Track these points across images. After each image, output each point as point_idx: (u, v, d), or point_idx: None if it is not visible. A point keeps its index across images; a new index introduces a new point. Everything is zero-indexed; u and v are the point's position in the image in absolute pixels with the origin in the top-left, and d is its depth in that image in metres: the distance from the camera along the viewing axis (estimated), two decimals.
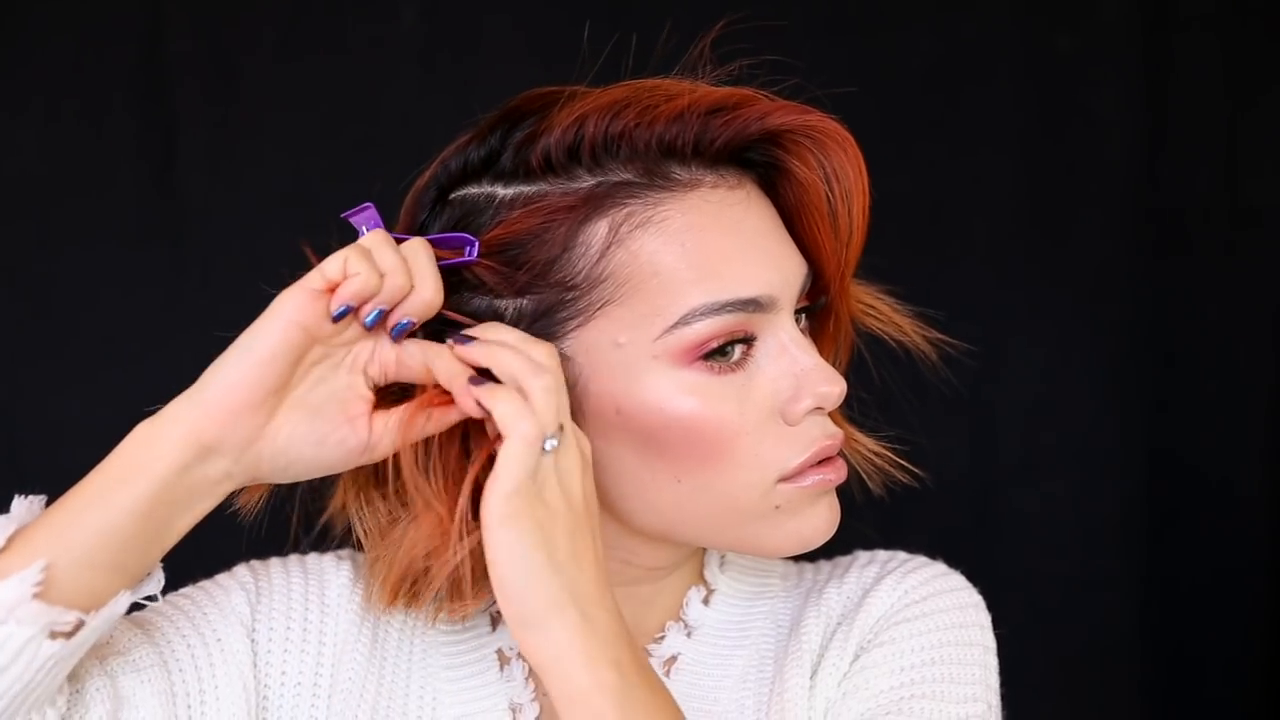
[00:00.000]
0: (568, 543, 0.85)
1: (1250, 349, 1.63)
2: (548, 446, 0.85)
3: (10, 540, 0.85)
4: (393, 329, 0.89)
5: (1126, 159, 1.62)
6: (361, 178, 1.53)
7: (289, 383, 0.88)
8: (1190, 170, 1.62)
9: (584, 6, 1.37)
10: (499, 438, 0.86)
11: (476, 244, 0.92)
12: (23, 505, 0.88)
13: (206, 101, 1.55)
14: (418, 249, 0.89)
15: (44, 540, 0.84)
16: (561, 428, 0.86)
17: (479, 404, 0.86)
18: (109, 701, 0.90)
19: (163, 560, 0.91)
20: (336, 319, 0.87)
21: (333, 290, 0.87)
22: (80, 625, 0.85)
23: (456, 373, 0.88)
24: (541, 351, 0.87)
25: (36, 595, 0.83)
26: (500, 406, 0.85)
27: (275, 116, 1.57)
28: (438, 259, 0.91)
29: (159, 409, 0.88)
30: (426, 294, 0.88)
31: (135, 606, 0.92)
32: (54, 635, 0.84)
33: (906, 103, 1.61)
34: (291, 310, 0.86)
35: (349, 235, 0.95)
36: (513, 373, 0.86)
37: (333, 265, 0.87)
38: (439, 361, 0.89)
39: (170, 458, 0.86)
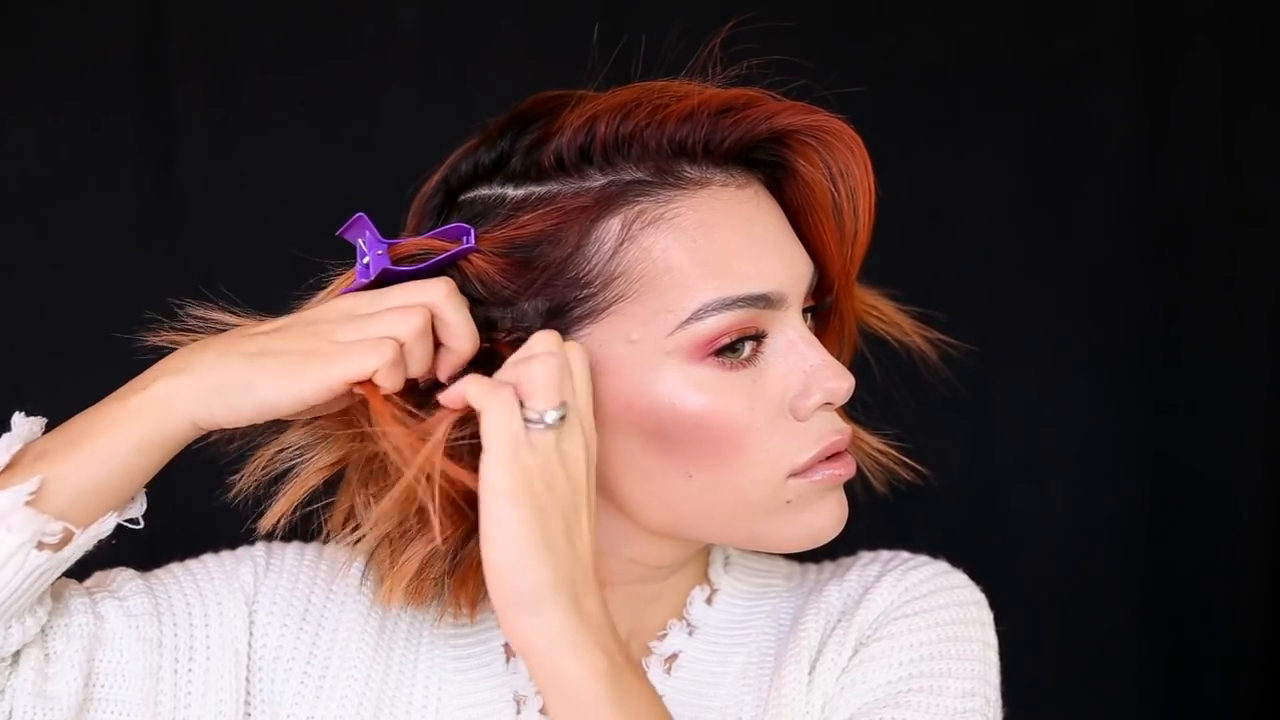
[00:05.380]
0: (563, 526, 0.84)
1: (1250, 349, 1.63)
2: (542, 417, 0.84)
3: (15, 458, 0.89)
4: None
5: (1126, 159, 1.62)
6: (361, 178, 1.53)
7: None
8: (1190, 170, 1.62)
9: (583, 8, 1.37)
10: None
11: (473, 232, 0.93)
12: (25, 424, 0.91)
13: (206, 102, 1.55)
14: (450, 326, 0.91)
15: (47, 468, 0.88)
16: (564, 406, 0.85)
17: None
18: (89, 639, 0.94)
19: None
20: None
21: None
22: (67, 540, 0.89)
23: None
24: (536, 341, 0.88)
25: (28, 504, 0.87)
26: (469, 387, 0.85)
27: (275, 117, 1.57)
28: (436, 251, 0.93)
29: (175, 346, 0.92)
30: (465, 353, 0.91)
31: (120, 531, 0.95)
32: (41, 546, 0.88)
33: (907, 103, 1.61)
34: (308, 395, 0.88)
35: (346, 250, 0.95)
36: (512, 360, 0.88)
37: (360, 368, 0.87)
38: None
39: (177, 437, 0.89)
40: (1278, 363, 1.62)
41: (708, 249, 0.91)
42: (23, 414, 0.92)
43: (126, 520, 0.94)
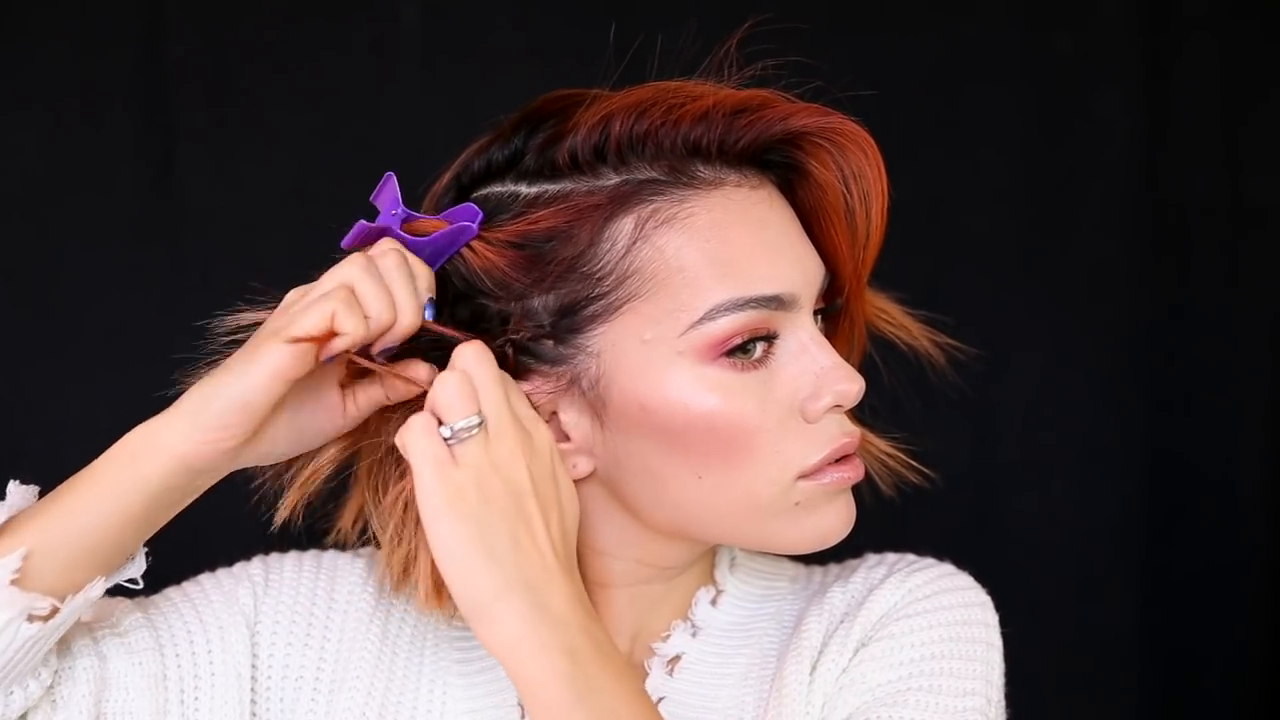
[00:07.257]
0: (508, 531, 0.84)
1: (1250, 349, 1.63)
2: (456, 431, 0.85)
3: (3, 527, 0.89)
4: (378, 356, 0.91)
5: (1126, 159, 1.62)
6: (362, 178, 1.53)
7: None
8: (1190, 170, 1.62)
9: (584, 8, 1.37)
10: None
11: (481, 215, 0.92)
12: (18, 493, 0.91)
13: (207, 102, 1.55)
14: (394, 274, 0.89)
15: (32, 534, 0.88)
16: (479, 414, 0.85)
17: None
18: (95, 681, 0.93)
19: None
20: (326, 363, 0.89)
21: (319, 339, 0.86)
22: (56, 610, 0.88)
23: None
24: (455, 356, 0.88)
25: (13, 582, 0.86)
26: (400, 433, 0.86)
27: (275, 117, 1.57)
28: (437, 231, 0.92)
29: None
30: (405, 323, 0.89)
31: (119, 589, 0.95)
32: (32, 619, 0.87)
33: (907, 103, 1.61)
34: (277, 367, 0.86)
35: (369, 215, 0.95)
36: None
37: (315, 320, 0.86)
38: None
39: (159, 478, 0.88)
40: (1278, 363, 1.62)
41: (721, 249, 0.91)
42: (17, 482, 0.92)
43: (126, 581, 0.94)
